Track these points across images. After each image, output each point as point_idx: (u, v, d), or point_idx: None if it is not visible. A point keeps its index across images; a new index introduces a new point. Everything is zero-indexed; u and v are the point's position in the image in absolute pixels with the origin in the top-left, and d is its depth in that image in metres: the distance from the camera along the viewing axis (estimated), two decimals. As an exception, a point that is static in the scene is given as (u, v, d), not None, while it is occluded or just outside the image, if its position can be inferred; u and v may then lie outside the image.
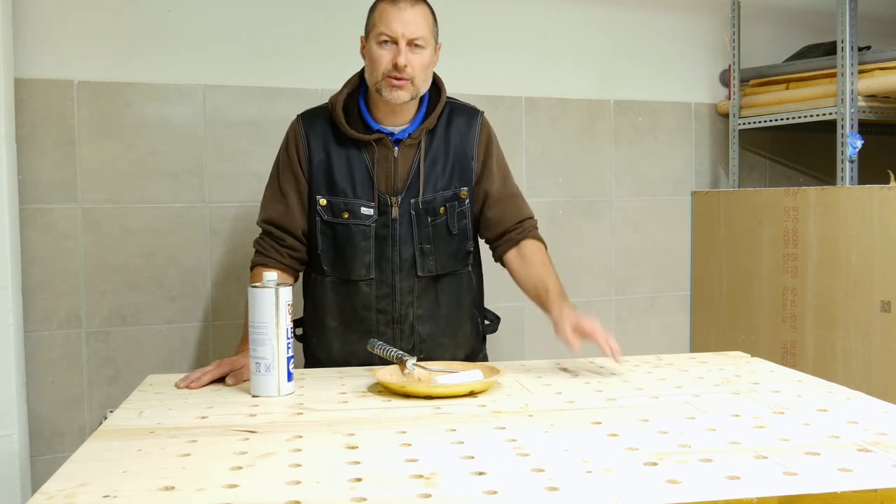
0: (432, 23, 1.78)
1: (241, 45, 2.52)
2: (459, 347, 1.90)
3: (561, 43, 2.89)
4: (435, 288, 1.85)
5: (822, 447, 1.11)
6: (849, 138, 2.57)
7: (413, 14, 1.73)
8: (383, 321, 1.82)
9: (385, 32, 1.72)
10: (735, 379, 1.57)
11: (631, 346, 2.96)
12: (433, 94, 1.86)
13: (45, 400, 2.36)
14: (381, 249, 1.79)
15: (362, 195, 1.79)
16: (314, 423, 1.27)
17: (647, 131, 3.01)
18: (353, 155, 1.80)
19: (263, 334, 1.45)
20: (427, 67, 1.78)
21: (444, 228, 1.83)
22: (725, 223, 2.88)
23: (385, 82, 1.74)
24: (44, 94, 2.33)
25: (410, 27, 1.72)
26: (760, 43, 3.12)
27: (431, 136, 1.83)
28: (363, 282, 1.80)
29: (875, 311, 2.32)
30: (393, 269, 1.80)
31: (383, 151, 1.79)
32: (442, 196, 1.82)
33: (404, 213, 1.79)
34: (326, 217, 1.80)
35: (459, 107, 1.90)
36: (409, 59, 1.72)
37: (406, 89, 1.74)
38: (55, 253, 2.36)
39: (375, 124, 1.81)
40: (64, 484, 0.99)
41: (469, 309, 1.93)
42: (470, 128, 1.87)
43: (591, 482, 0.98)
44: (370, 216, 1.78)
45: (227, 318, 2.53)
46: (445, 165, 1.82)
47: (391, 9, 1.73)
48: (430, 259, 1.82)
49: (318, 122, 1.84)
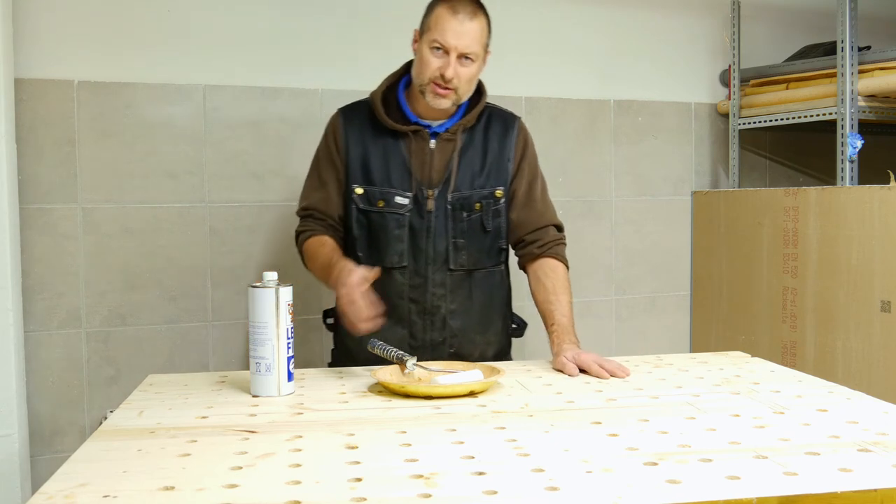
0: (486, 34, 1.79)
1: (241, 45, 2.52)
2: (489, 345, 1.91)
3: (561, 43, 2.89)
4: (469, 283, 1.86)
5: (822, 447, 1.11)
6: (849, 138, 2.57)
7: (470, 27, 1.73)
8: (415, 311, 1.84)
9: (438, 41, 1.73)
10: (735, 379, 1.57)
11: (631, 346, 2.97)
12: (473, 93, 1.88)
13: (45, 400, 2.36)
14: (414, 239, 1.82)
15: (398, 185, 1.81)
16: (314, 423, 1.27)
17: (647, 131, 3.01)
18: (390, 145, 1.83)
19: (263, 334, 1.44)
20: (473, 79, 1.80)
21: (479, 224, 1.84)
22: (725, 223, 2.88)
23: (430, 87, 1.76)
24: (44, 94, 2.33)
25: (464, 40, 1.73)
26: (760, 43, 3.12)
27: (470, 134, 1.85)
28: (396, 270, 1.82)
29: (875, 311, 2.31)
30: (426, 261, 1.82)
31: (420, 143, 1.82)
32: (478, 193, 1.83)
33: (440, 206, 1.81)
34: (362, 206, 1.83)
35: (499, 111, 1.93)
36: (457, 72, 1.74)
37: (449, 98, 1.77)
38: (55, 253, 2.36)
39: (414, 116, 1.84)
40: (64, 484, 0.99)
41: (501, 307, 1.95)
42: (508, 131, 1.90)
43: (591, 482, 0.98)
44: (405, 205, 1.81)
45: (227, 318, 2.53)
46: (483, 164, 1.85)
47: (449, 18, 1.73)
48: (463, 253, 1.84)
49: (357, 114, 1.88)
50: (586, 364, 1.62)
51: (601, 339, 2.92)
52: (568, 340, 1.72)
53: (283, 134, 2.57)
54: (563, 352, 1.68)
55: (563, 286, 1.86)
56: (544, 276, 1.87)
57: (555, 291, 1.84)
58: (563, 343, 1.72)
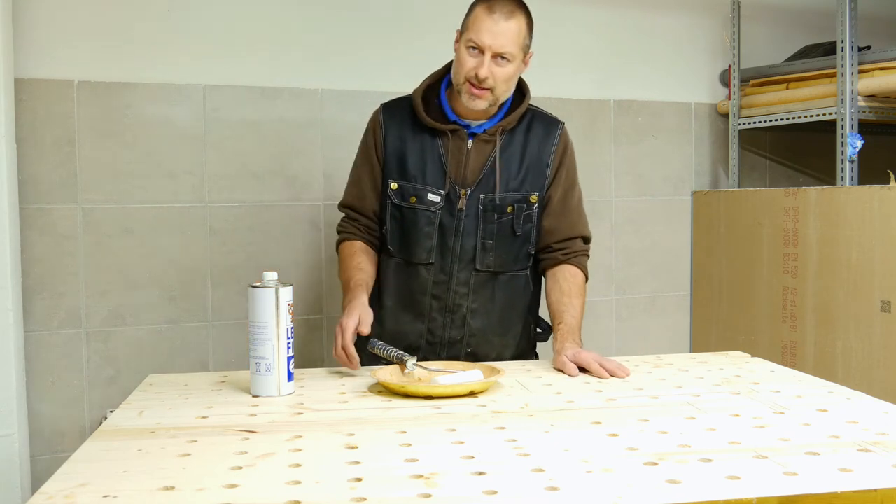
0: (525, 34, 1.78)
1: (241, 45, 2.52)
2: (507, 348, 1.91)
3: (561, 43, 2.89)
4: (492, 285, 1.86)
5: (822, 447, 1.11)
6: (849, 138, 2.57)
7: (506, 27, 1.72)
8: (437, 307, 1.84)
9: (474, 40, 1.73)
10: (735, 379, 1.57)
11: (631, 346, 2.97)
12: (516, 96, 1.87)
13: (45, 400, 2.36)
14: (443, 237, 1.82)
15: (431, 182, 1.81)
16: (314, 423, 1.27)
17: (647, 131, 3.01)
18: (428, 142, 1.83)
19: (263, 334, 1.44)
20: (510, 79, 1.78)
21: (510, 228, 1.84)
22: (725, 223, 2.88)
23: (465, 87, 1.76)
24: (44, 94, 2.33)
25: (500, 40, 1.72)
26: (760, 43, 3.12)
27: (510, 137, 1.85)
28: (423, 266, 1.83)
29: (875, 311, 2.31)
30: (453, 259, 1.83)
31: (457, 142, 1.82)
32: (512, 196, 1.83)
33: (472, 206, 1.81)
34: (396, 200, 1.84)
35: (542, 115, 1.92)
36: (491, 72, 1.73)
37: (485, 98, 1.76)
38: (55, 253, 2.36)
39: (453, 115, 1.84)
40: (64, 484, 0.99)
41: (523, 311, 1.93)
42: (549, 135, 1.88)
43: (591, 482, 0.98)
44: (437, 202, 1.81)
45: (227, 319, 2.53)
46: (520, 167, 1.84)
47: (486, 18, 1.72)
48: (491, 255, 1.83)
49: (398, 110, 1.88)
50: (586, 362, 1.62)
51: (601, 339, 2.92)
52: (571, 340, 1.72)
53: (283, 134, 2.57)
54: (564, 350, 1.68)
55: (579, 292, 1.86)
56: (563, 279, 1.86)
57: (569, 294, 1.84)
58: (566, 342, 1.72)
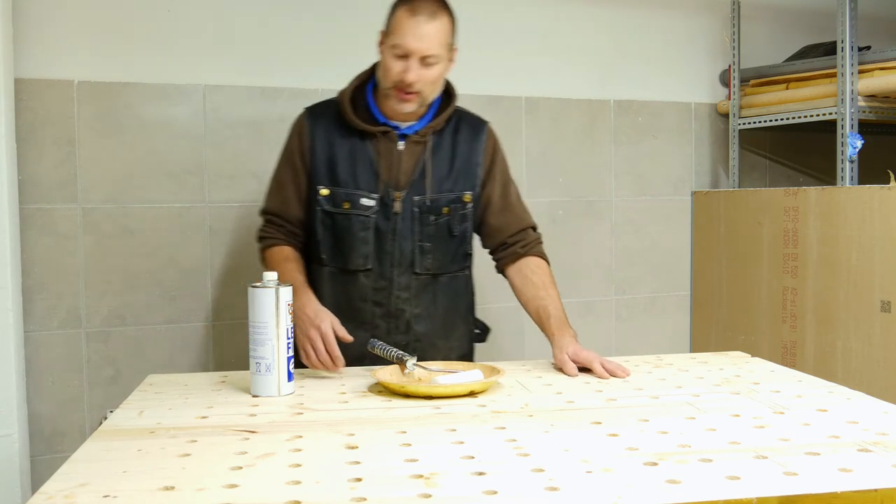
0: (449, 34, 1.75)
1: (241, 45, 2.52)
2: (453, 350, 1.90)
3: (561, 43, 2.89)
4: (433, 288, 1.85)
5: (822, 447, 1.11)
6: (849, 138, 2.57)
7: (430, 28, 1.69)
8: (379, 314, 1.82)
9: (399, 45, 1.70)
10: (735, 379, 1.57)
11: (631, 346, 2.97)
12: (443, 97, 1.86)
13: (45, 400, 2.36)
14: (380, 242, 1.80)
15: (364, 186, 1.79)
16: (314, 423, 1.27)
17: (647, 131, 3.01)
18: (358, 146, 1.80)
19: (263, 334, 1.45)
20: (438, 80, 1.77)
21: (446, 229, 1.83)
22: (725, 223, 2.88)
23: (394, 92, 1.74)
24: (44, 94, 2.33)
25: (425, 43, 1.69)
26: (760, 43, 3.12)
27: (439, 138, 1.84)
28: (361, 272, 1.81)
29: (875, 311, 2.31)
30: (392, 263, 1.81)
31: (388, 145, 1.80)
32: (446, 197, 1.82)
33: (407, 209, 1.79)
34: (327, 207, 1.80)
35: (468, 116, 1.91)
36: (419, 75, 1.71)
37: (414, 101, 1.75)
38: (55, 253, 2.36)
39: (382, 117, 1.82)
40: (64, 484, 0.99)
41: (464, 313, 1.94)
42: (477, 136, 1.88)
43: (591, 482, 0.98)
44: (371, 207, 1.79)
45: (227, 318, 2.53)
46: (451, 168, 1.83)
47: (408, 21, 1.69)
48: (429, 257, 1.82)
49: (324, 114, 1.85)
50: (587, 361, 1.62)
51: (601, 339, 2.92)
52: (568, 335, 1.71)
53: (283, 134, 2.55)
54: (565, 347, 1.67)
55: (551, 282, 1.86)
56: (531, 272, 1.86)
57: (545, 287, 1.83)
58: (565, 337, 1.70)
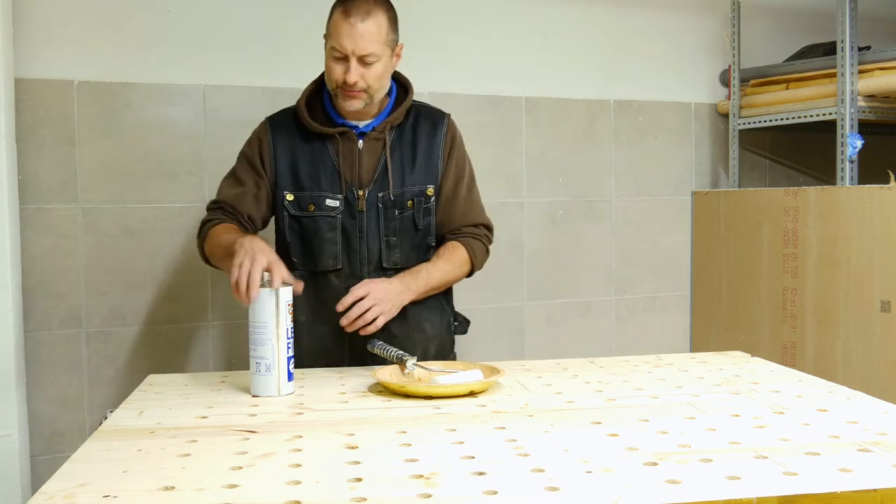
0: (387, 31, 1.75)
1: (241, 45, 2.52)
2: (429, 341, 1.90)
3: (561, 43, 2.89)
4: None
5: (822, 447, 1.11)
6: (849, 138, 2.57)
7: (364, 28, 1.70)
8: None
9: (336, 48, 1.72)
10: (735, 379, 1.57)
11: (631, 346, 2.97)
12: (400, 91, 1.88)
13: (45, 400, 2.36)
14: (348, 240, 1.82)
15: (327, 187, 1.81)
16: (314, 423, 1.27)
17: (647, 131, 3.01)
18: (318, 149, 1.82)
19: (263, 334, 1.45)
20: (382, 77, 1.78)
21: (411, 222, 1.84)
22: (725, 223, 2.88)
23: (339, 92, 1.76)
24: (44, 94, 2.33)
25: (361, 44, 1.70)
26: (760, 43, 3.12)
27: (399, 133, 1.85)
28: (332, 273, 1.82)
29: (875, 311, 2.31)
30: (361, 261, 1.82)
31: (348, 144, 1.82)
32: (410, 191, 1.83)
33: (371, 206, 1.81)
34: (294, 211, 1.82)
35: (427, 109, 1.92)
36: (360, 75, 1.73)
37: (361, 98, 1.76)
38: (55, 253, 2.36)
39: (339, 118, 1.83)
40: (64, 484, 0.99)
41: (438, 304, 1.92)
42: (437, 128, 1.89)
43: (591, 482, 0.98)
44: (336, 207, 1.81)
45: (227, 318, 2.53)
46: (413, 162, 1.84)
47: (342, 23, 1.71)
48: (396, 251, 1.83)
49: (284, 122, 1.88)
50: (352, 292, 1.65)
51: (601, 339, 2.92)
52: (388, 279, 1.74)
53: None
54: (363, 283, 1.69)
55: (449, 257, 1.85)
56: (442, 249, 1.87)
57: (437, 255, 1.85)
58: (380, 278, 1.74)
